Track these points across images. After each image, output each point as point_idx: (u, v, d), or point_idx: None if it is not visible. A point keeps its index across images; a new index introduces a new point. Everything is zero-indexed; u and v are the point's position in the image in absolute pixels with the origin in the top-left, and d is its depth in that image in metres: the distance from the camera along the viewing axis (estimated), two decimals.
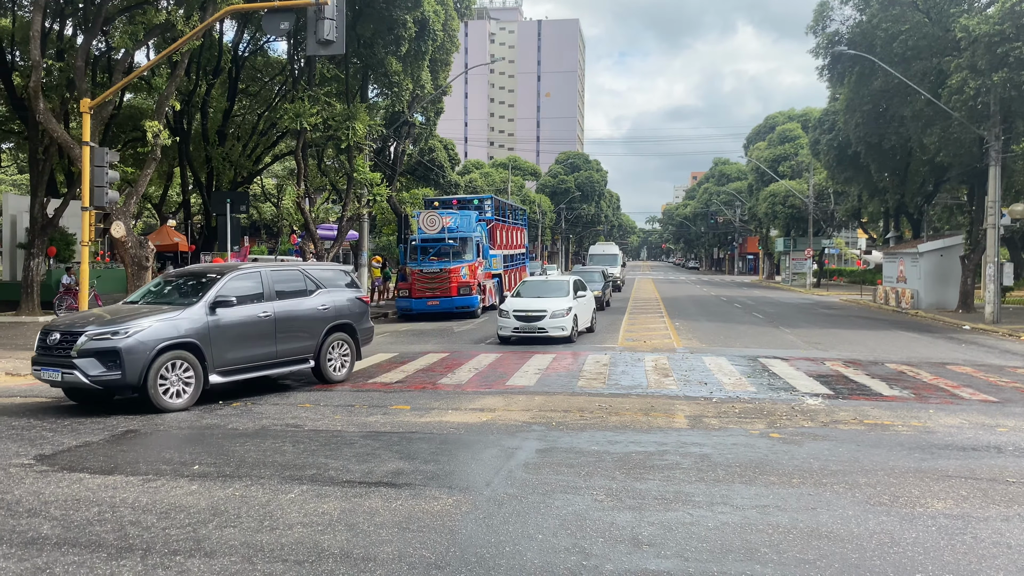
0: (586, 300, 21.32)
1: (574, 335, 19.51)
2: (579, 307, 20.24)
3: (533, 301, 19.83)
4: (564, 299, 19.92)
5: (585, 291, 21.69)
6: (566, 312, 19.25)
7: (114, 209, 17.50)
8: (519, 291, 21.07)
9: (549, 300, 19.78)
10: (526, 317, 19.18)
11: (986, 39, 23.48)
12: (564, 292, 20.43)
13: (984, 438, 9.43)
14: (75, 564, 5.47)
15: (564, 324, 19.05)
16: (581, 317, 20.43)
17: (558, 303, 19.58)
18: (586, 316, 21.25)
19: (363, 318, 14.39)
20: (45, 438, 9.34)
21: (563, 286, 20.86)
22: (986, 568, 5.44)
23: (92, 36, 20.89)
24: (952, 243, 33.59)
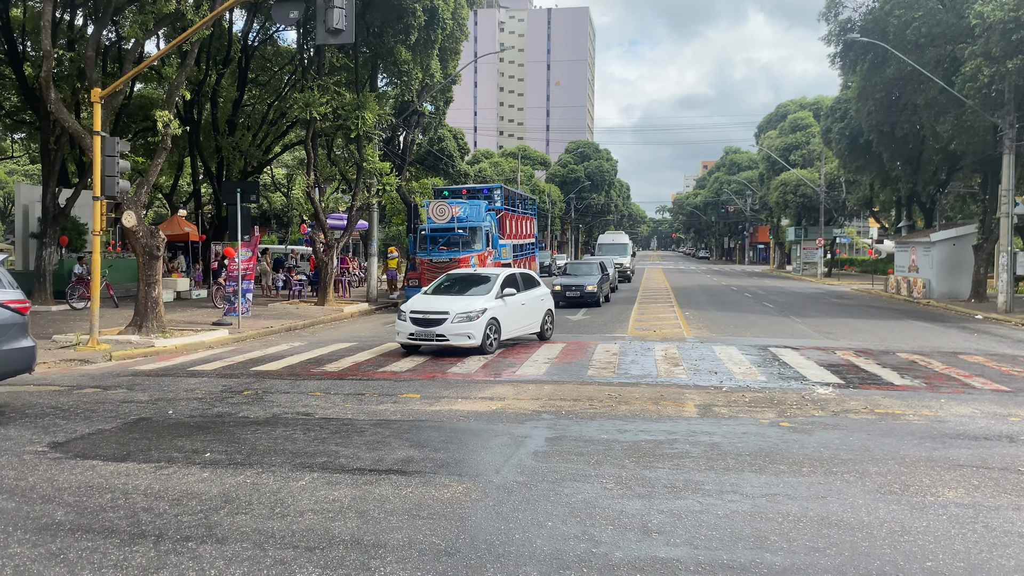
0: (523, 300, 17.14)
1: (488, 344, 15.47)
2: (503, 310, 16.13)
3: (437, 300, 16.03)
4: (478, 299, 15.93)
5: (526, 289, 17.60)
6: (476, 315, 15.24)
7: (125, 199, 17.55)
8: (436, 286, 17.41)
9: (457, 300, 15.95)
10: (423, 320, 15.28)
11: (1001, 26, 23.23)
12: (485, 290, 16.47)
13: (996, 427, 9.39)
14: (88, 550, 5.52)
15: (471, 330, 15.11)
16: (508, 322, 16.34)
17: (467, 304, 15.62)
18: (522, 321, 17.09)
19: None
20: (58, 426, 9.42)
21: (487, 282, 16.87)
22: (997, 557, 5.42)
23: (102, 26, 20.90)
24: (965, 232, 33.37)
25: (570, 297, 26.80)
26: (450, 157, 48.00)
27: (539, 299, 18.03)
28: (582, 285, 27.09)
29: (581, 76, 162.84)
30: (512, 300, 16.61)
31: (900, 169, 38.85)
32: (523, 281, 17.71)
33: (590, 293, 27.15)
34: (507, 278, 16.99)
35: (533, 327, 17.70)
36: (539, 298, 18.03)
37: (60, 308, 23.95)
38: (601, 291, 28.08)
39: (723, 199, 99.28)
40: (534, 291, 17.89)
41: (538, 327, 17.89)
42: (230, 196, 20.58)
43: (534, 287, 18.08)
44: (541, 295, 18.16)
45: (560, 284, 27.40)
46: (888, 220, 56.64)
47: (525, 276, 18.20)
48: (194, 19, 17.97)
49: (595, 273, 28.99)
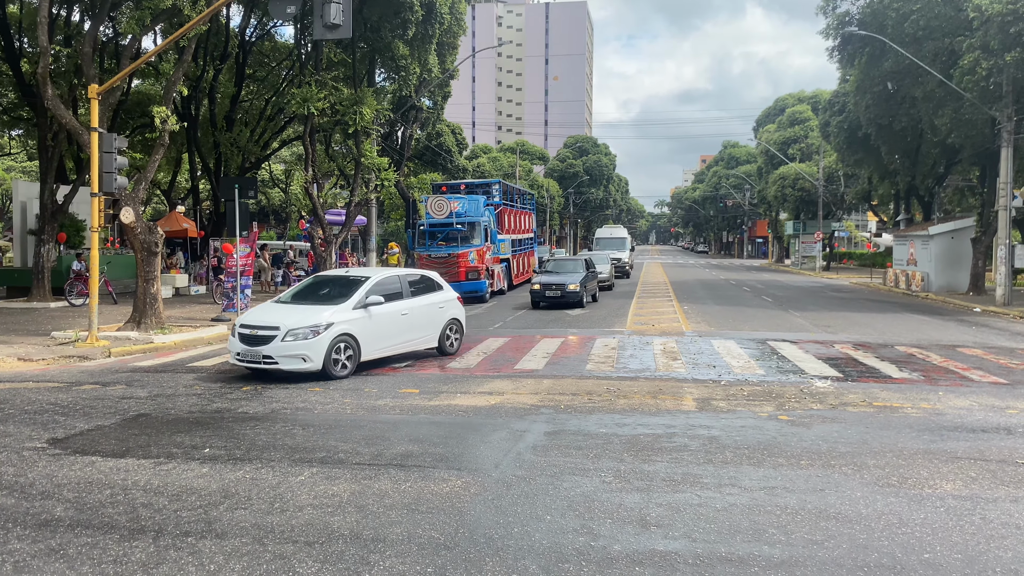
0: (406, 309, 13.98)
1: (337, 368, 12.43)
2: (365, 323, 12.99)
3: (276, 311, 13.07)
4: (325, 310, 12.69)
5: (419, 295, 14.52)
6: (315, 332, 12.15)
7: (123, 195, 17.54)
8: (295, 292, 14.32)
9: (299, 311, 12.81)
10: (250, 337, 12.35)
11: (999, 18, 23.20)
12: (343, 298, 13.16)
13: (994, 420, 9.40)
14: (88, 545, 5.54)
15: (307, 351, 12.05)
16: (375, 337, 13.21)
17: (305, 316, 12.46)
18: (404, 335, 13.98)
19: None
20: (58, 422, 9.43)
21: (354, 287, 13.50)
22: (994, 549, 5.44)
23: (99, 22, 20.83)
24: (963, 225, 33.37)
25: (550, 297, 24.77)
26: (448, 152, 47.95)
27: (436, 307, 14.82)
28: (563, 284, 24.81)
29: (579, 71, 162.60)
30: (381, 310, 13.36)
31: (898, 162, 38.82)
32: (411, 285, 14.53)
33: (572, 293, 24.70)
34: (381, 282, 13.81)
35: (426, 340, 14.61)
36: (436, 305, 14.83)
37: (59, 305, 23.94)
38: (585, 290, 25.55)
39: (721, 193, 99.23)
40: (428, 297, 14.72)
41: (435, 340, 14.79)
42: (228, 192, 20.56)
43: (431, 291, 14.91)
44: (440, 301, 14.96)
45: (539, 282, 25.18)
46: (887, 214, 56.60)
47: (417, 279, 14.95)
48: (191, 15, 17.93)
49: (578, 270, 26.61)
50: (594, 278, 27.89)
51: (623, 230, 54.93)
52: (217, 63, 31.82)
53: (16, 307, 23.31)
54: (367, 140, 27.73)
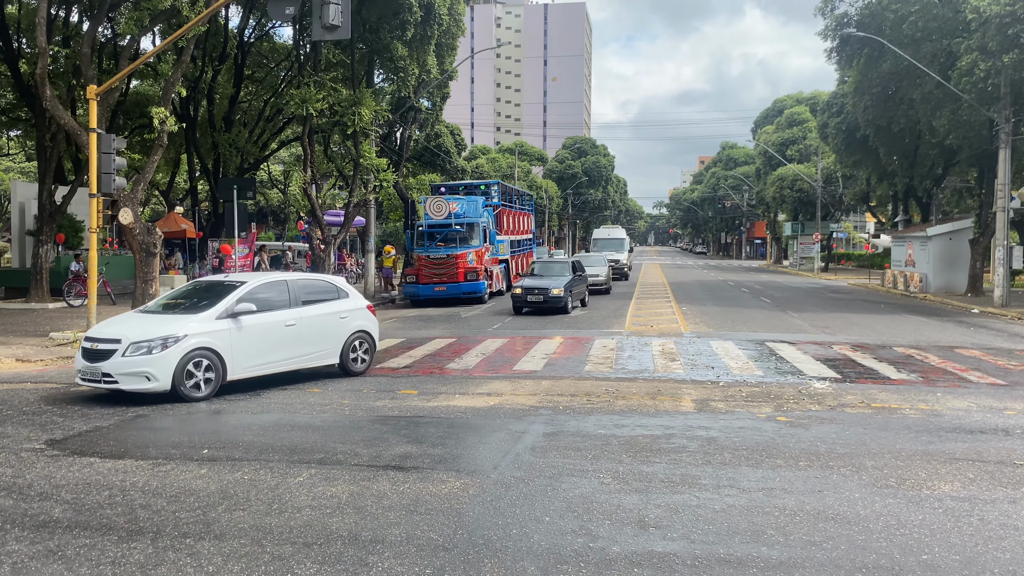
0: (292, 319, 12.02)
1: (190, 389, 10.69)
2: (234, 336, 11.21)
3: (125, 324, 11.51)
4: (180, 320, 11.10)
5: (312, 303, 12.44)
6: (162, 345, 10.52)
7: (122, 196, 17.54)
8: (163, 301, 12.61)
9: (153, 322, 11.17)
10: (92, 352, 10.82)
11: (996, 20, 23.22)
12: (208, 306, 11.41)
13: (992, 421, 9.42)
14: (86, 547, 5.53)
15: (151, 368, 10.42)
16: (249, 352, 11.40)
17: (157, 328, 10.85)
18: (289, 350, 12.02)
19: None
20: (56, 423, 9.42)
21: (225, 292, 11.67)
22: (992, 550, 5.44)
23: (98, 22, 20.83)
24: (961, 226, 33.40)
25: (532, 302, 23.33)
26: (447, 153, 47.94)
27: (336, 317, 12.65)
28: (546, 288, 23.22)
29: (578, 72, 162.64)
30: (256, 320, 11.47)
31: (897, 164, 38.86)
32: (303, 292, 12.48)
33: (555, 298, 23.09)
34: (257, 288, 11.87)
35: (321, 355, 12.46)
36: (336, 315, 12.66)
37: (57, 305, 23.92)
38: (571, 295, 23.87)
39: (720, 194, 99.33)
40: (325, 306, 12.57)
41: (335, 355, 12.61)
42: (227, 193, 20.56)
43: (330, 299, 12.78)
44: (343, 310, 12.80)
45: (521, 286, 23.94)
46: (885, 215, 56.64)
47: (312, 285, 12.94)
48: (190, 15, 17.93)
49: (564, 274, 24.97)
50: (582, 282, 26.36)
51: (621, 231, 52.66)
52: (216, 64, 31.81)
53: (14, 308, 23.30)
54: (366, 141, 27.73)
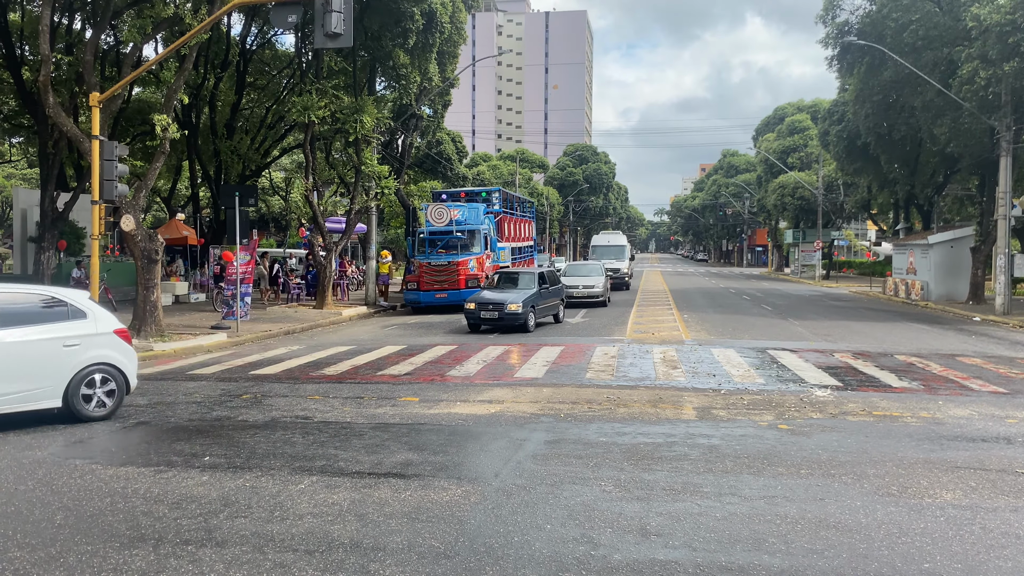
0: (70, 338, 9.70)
1: None
2: None
3: None
4: None
5: None
6: None
7: (123, 203, 17.57)
8: None
9: None
10: None
11: (997, 28, 23.28)
12: None
13: (994, 429, 9.41)
14: (88, 554, 5.53)
15: None
16: None
17: None
18: None
19: None
20: (57, 430, 9.42)
21: None
22: (994, 559, 5.44)
23: (101, 30, 20.92)
24: (962, 234, 33.42)
25: (486, 318, 20.63)
26: (448, 160, 48.03)
27: (58, 344, 9.62)
28: (501, 303, 20.51)
29: (579, 79, 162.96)
30: None
31: (898, 171, 38.92)
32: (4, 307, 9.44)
33: (511, 314, 20.34)
34: (37, 306, 9.74)
35: (29, 397, 9.40)
36: (59, 342, 9.63)
37: None
38: (532, 311, 21.03)
39: (721, 202, 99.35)
40: (38, 329, 9.56)
41: (56, 396, 9.58)
42: (228, 200, 20.59)
43: (46, 321, 9.70)
44: (69, 336, 9.74)
45: (475, 301, 21.10)
46: (886, 222, 56.70)
47: (16, 299, 9.79)
48: (192, 23, 18.00)
49: (529, 287, 22.01)
50: (555, 296, 23.27)
51: (622, 237, 48.66)
52: (218, 71, 31.91)
53: None
54: (367, 148, 27.80)
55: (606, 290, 29.77)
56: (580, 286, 26.90)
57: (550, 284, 23.07)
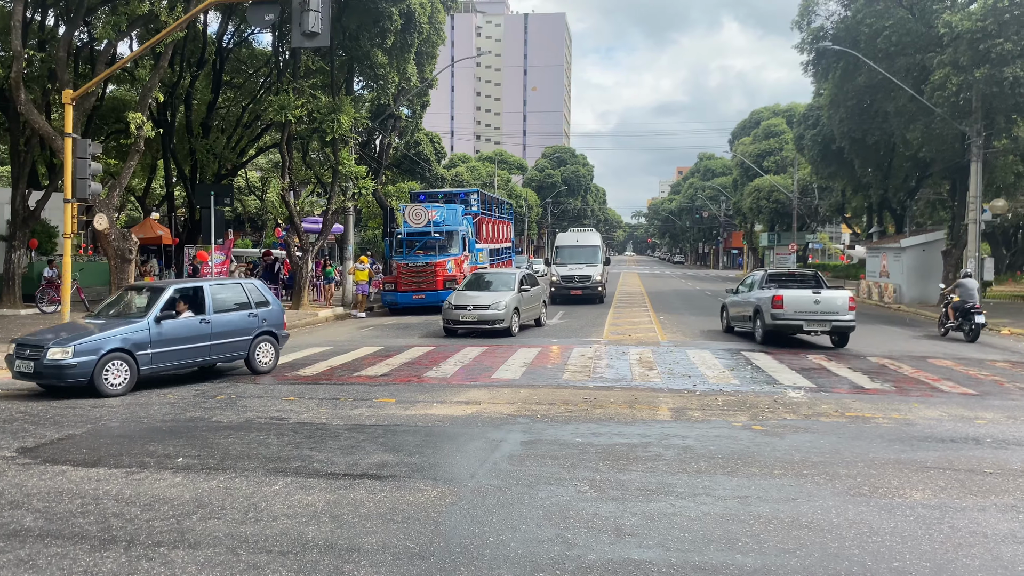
0: None
1: None
2: None
3: None
4: None
5: None
6: None
7: (97, 201, 17.37)
8: None
9: None
10: None
11: (968, 35, 23.67)
12: None
13: (963, 430, 9.55)
14: (58, 556, 5.47)
15: None
16: None
17: None
18: None
19: None
20: (27, 431, 9.30)
21: None
22: (962, 557, 5.52)
23: (74, 27, 20.68)
24: (934, 238, 33.87)
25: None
26: (427, 161, 47.96)
27: None
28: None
29: (558, 82, 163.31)
30: None
31: (871, 176, 39.39)
32: None
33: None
34: None
35: None
36: None
37: (29, 312, 23.60)
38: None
39: (698, 204, 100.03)
40: None
41: None
42: (204, 199, 20.44)
43: None
44: None
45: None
46: (860, 226, 57.30)
47: None
48: (168, 21, 17.84)
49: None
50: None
51: (595, 235, 36.31)
52: (194, 69, 31.61)
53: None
54: (345, 148, 27.69)
55: (512, 313, 19.89)
56: (470, 306, 19.47)
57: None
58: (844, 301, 17.41)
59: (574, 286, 30.81)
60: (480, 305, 19.43)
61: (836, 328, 17.51)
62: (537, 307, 22.19)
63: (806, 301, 17.47)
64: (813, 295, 17.60)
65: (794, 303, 17.45)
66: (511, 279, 21.37)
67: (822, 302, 17.44)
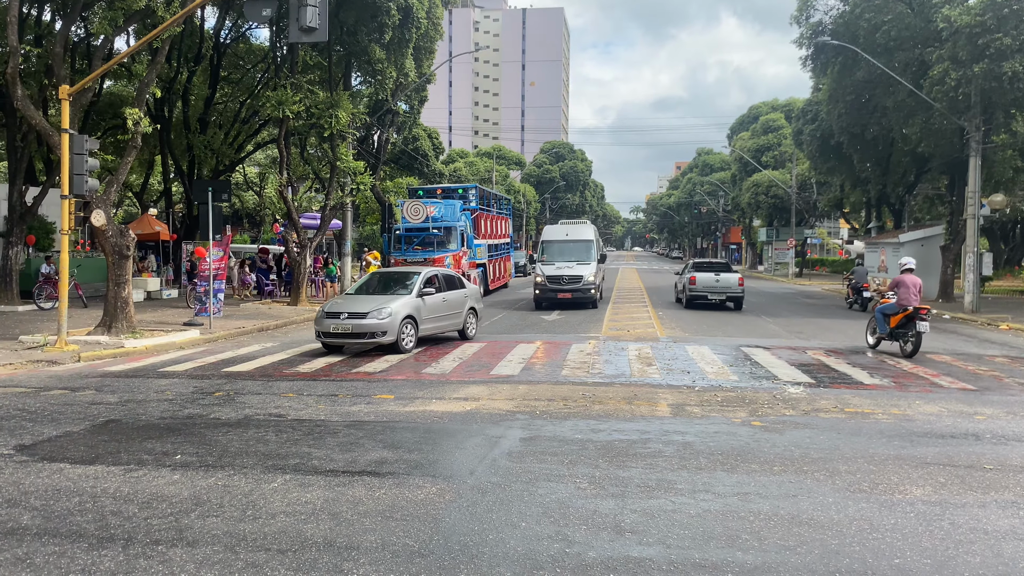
0: None
1: None
2: None
3: None
4: None
5: None
6: None
7: (94, 197, 17.31)
8: None
9: None
10: None
11: (967, 30, 23.63)
12: None
13: (962, 426, 9.54)
14: (56, 554, 5.44)
15: None
16: None
17: None
18: None
19: None
20: (25, 428, 9.26)
21: None
22: (963, 553, 5.51)
23: (71, 22, 20.56)
24: (932, 233, 33.90)
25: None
26: (425, 156, 47.89)
27: None
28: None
29: (556, 77, 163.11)
30: None
31: (870, 171, 39.38)
32: None
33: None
34: None
35: None
36: None
37: (27, 308, 23.55)
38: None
39: (696, 200, 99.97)
40: None
41: None
42: (201, 195, 20.36)
43: None
44: None
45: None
46: (858, 221, 57.32)
47: None
48: (165, 16, 17.76)
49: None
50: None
51: (588, 228, 30.30)
52: (191, 65, 31.53)
53: None
54: (343, 144, 27.63)
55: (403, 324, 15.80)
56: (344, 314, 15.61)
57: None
58: (735, 280, 26.85)
59: (562, 288, 26.21)
60: (356, 313, 15.37)
61: (730, 297, 26.97)
62: (456, 315, 17.92)
63: (711, 280, 26.98)
64: (715, 276, 27.02)
65: (703, 281, 26.92)
66: (414, 280, 17.04)
67: (721, 281, 26.89)
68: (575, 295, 26.34)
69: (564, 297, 26.30)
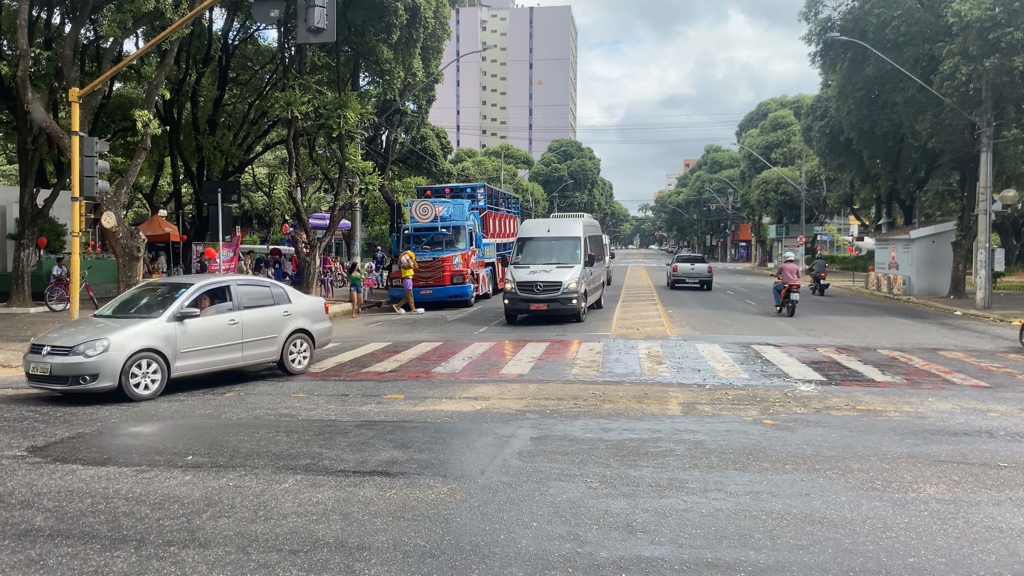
0: None
1: None
2: None
3: None
4: None
5: None
6: None
7: (104, 199, 17.39)
8: None
9: None
10: None
11: (978, 24, 23.44)
12: None
13: (976, 423, 9.48)
14: (68, 556, 5.46)
15: None
16: None
17: None
18: None
19: None
20: (37, 429, 9.31)
21: None
22: (978, 552, 5.47)
23: (80, 25, 20.68)
24: (944, 229, 33.67)
25: None
26: (433, 156, 47.92)
27: None
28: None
29: (563, 75, 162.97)
30: None
31: (880, 167, 39.15)
32: None
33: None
34: None
35: None
36: None
37: (39, 310, 23.68)
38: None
39: (705, 197, 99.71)
40: None
41: None
42: (211, 196, 20.44)
43: None
44: None
45: None
46: (868, 217, 57.07)
47: None
48: (173, 18, 17.82)
49: None
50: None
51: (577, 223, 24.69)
52: (200, 66, 31.62)
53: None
54: (351, 144, 27.65)
55: (130, 358, 11.05)
56: (45, 348, 11.23)
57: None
58: (705, 269, 37.53)
59: (535, 297, 21.20)
60: (61, 348, 11.05)
61: (701, 280, 37.53)
62: (266, 341, 13.07)
63: (688, 268, 38.01)
64: (691, 265, 38.02)
65: (682, 269, 38.06)
66: (180, 295, 12.17)
67: (695, 268, 37.72)
68: (551, 306, 21.25)
69: (538, 308, 21.29)
